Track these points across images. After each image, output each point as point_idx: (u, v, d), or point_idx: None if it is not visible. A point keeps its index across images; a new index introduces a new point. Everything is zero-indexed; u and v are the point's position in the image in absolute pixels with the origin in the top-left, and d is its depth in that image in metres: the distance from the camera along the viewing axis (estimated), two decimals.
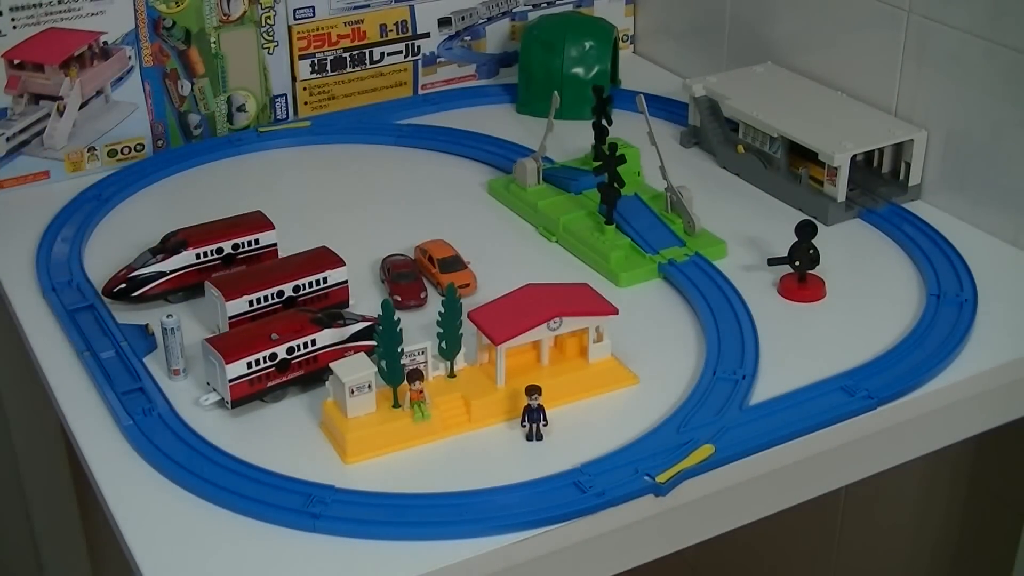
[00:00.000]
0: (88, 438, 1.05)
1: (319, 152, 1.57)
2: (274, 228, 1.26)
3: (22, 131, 1.46)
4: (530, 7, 1.76)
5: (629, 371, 1.11)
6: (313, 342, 1.08)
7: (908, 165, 1.39)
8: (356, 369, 1.01)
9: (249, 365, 1.05)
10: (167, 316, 1.09)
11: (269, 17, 1.56)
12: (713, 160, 1.51)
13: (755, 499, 1.08)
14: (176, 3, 1.50)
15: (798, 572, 1.79)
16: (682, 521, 1.03)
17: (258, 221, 1.26)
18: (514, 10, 1.75)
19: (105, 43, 1.47)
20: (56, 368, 1.14)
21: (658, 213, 1.33)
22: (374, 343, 1.03)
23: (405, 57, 1.68)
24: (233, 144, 1.56)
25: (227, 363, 1.04)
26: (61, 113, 1.47)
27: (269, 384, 1.07)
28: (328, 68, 1.63)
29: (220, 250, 1.23)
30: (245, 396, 1.06)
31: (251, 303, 1.14)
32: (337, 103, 1.66)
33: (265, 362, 1.06)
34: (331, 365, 1.02)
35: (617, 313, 1.10)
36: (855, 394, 1.08)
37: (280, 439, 1.05)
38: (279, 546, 0.93)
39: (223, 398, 1.06)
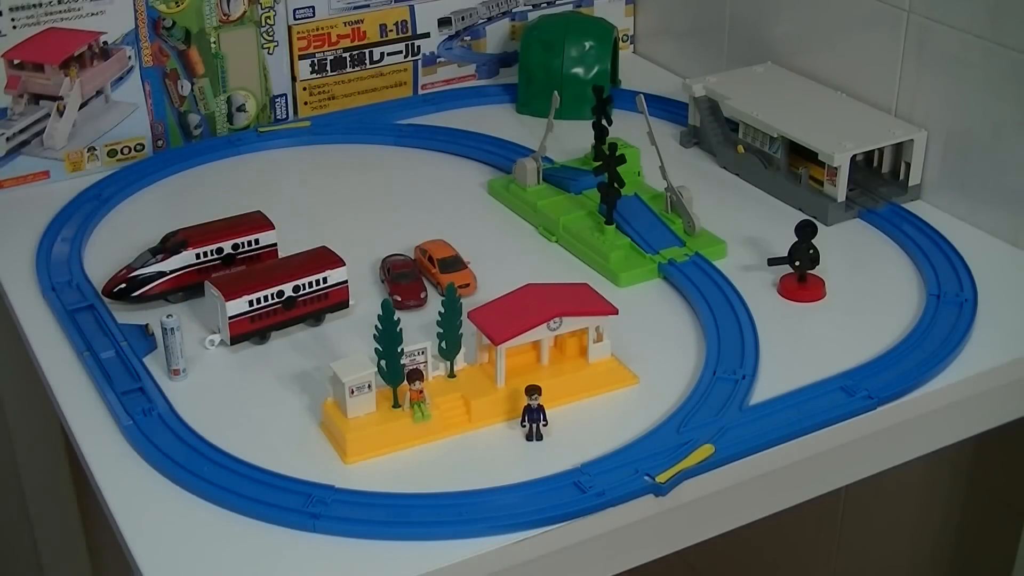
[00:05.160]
0: (88, 438, 1.05)
1: (319, 152, 1.57)
2: (274, 228, 1.26)
3: (22, 131, 1.46)
4: (530, 7, 1.76)
5: (629, 371, 1.11)
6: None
7: (908, 165, 1.39)
8: (356, 369, 1.01)
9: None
10: (167, 316, 1.09)
11: (269, 17, 1.56)
12: (713, 160, 1.51)
13: (755, 499, 1.08)
14: (176, 3, 1.50)
15: (798, 572, 1.79)
16: (682, 521, 1.03)
17: (258, 221, 1.26)
18: (514, 10, 1.75)
19: (105, 43, 1.47)
20: (56, 368, 1.14)
21: (658, 213, 1.33)
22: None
23: (405, 57, 1.68)
24: (233, 144, 1.56)
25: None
26: (61, 113, 1.47)
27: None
28: (328, 68, 1.63)
29: (220, 250, 1.23)
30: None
31: (251, 303, 1.14)
32: (337, 103, 1.66)
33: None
34: (331, 365, 1.02)
35: (617, 313, 1.10)
36: (855, 394, 1.08)
37: (280, 439, 1.05)
38: (279, 546, 0.93)
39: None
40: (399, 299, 1.21)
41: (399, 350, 1.02)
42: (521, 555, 0.94)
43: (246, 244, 1.24)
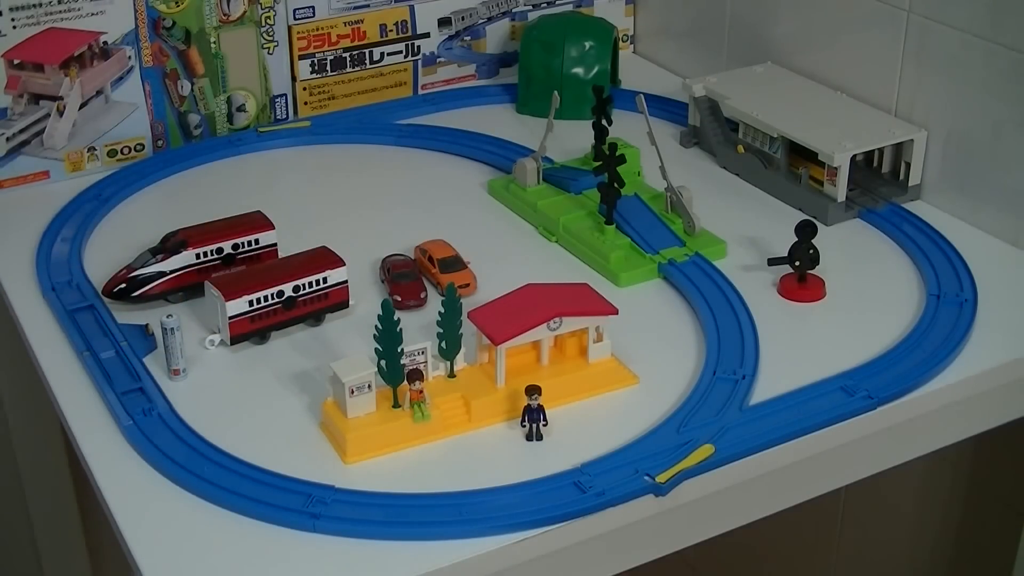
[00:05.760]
0: (88, 438, 1.05)
1: (319, 152, 1.57)
2: (274, 228, 1.26)
3: (22, 131, 1.46)
4: (530, 7, 1.76)
5: (629, 371, 1.11)
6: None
7: (908, 165, 1.39)
8: (356, 369, 1.01)
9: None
10: (167, 316, 1.09)
11: (269, 17, 1.56)
12: (713, 160, 1.51)
13: (755, 499, 1.08)
14: (176, 3, 1.50)
15: (798, 572, 1.79)
16: (682, 521, 1.03)
17: (258, 221, 1.26)
18: (514, 10, 1.75)
19: (105, 43, 1.47)
20: (56, 368, 1.14)
21: (658, 213, 1.33)
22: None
23: (405, 57, 1.68)
24: (233, 144, 1.56)
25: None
26: (61, 113, 1.47)
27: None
28: (328, 68, 1.63)
29: (220, 250, 1.23)
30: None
31: (251, 303, 1.14)
32: (337, 103, 1.66)
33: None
34: (331, 365, 1.02)
35: (617, 313, 1.10)
36: (855, 394, 1.08)
37: (280, 439, 1.05)
38: (279, 546, 0.93)
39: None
40: (399, 299, 1.21)
41: (399, 350, 1.02)
42: (521, 555, 0.94)
43: (246, 244, 1.24)
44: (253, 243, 1.25)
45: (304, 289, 1.17)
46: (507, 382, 1.06)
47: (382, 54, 1.67)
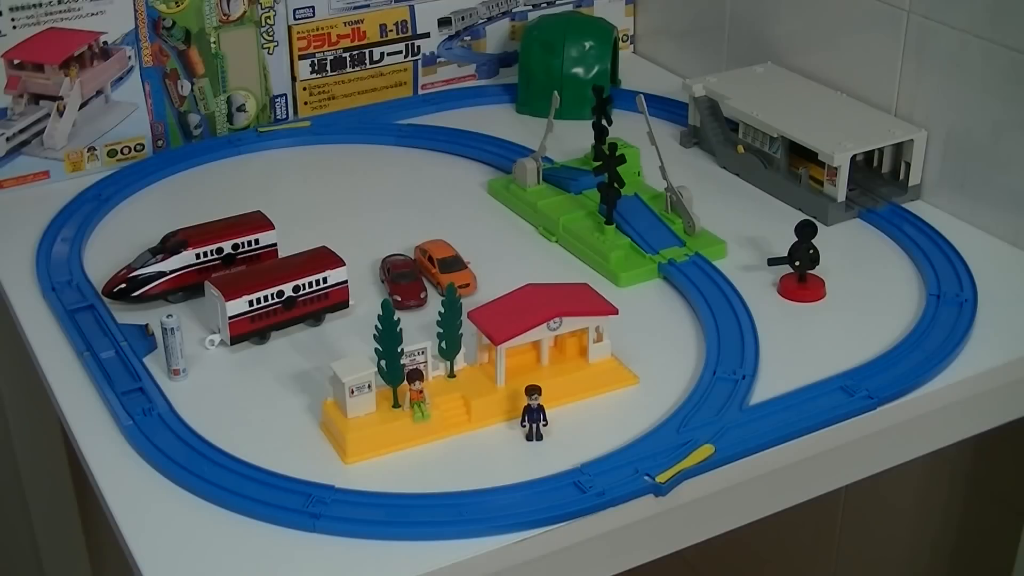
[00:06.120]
0: (88, 438, 1.05)
1: (319, 152, 1.57)
2: (274, 228, 1.26)
3: (22, 131, 1.46)
4: (530, 7, 1.76)
5: (629, 371, 1.11)
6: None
7: (908, 165, 1.39)
8: (356, 369, 1.01)
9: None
10: (167, 316, 1.09)
11: (269, 17, 1.56)
12: (713, 160, 1.51)
13: (755, 499, 1.08)
14: (176, 3, 1.50)
15: (798, 572, 1.79)
16: (682, 521, 1.03)
17: (258, 221, 1.26)
18: (514, 10, 1.75)
19: (105, 43, 1.47)
20: (56, 368, 1.14)
21: (658, 213, 1.33)
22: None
23: (405, 57, 1.68)
24: (233, 144, 1.56)
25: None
26: (61, 113, 1.47)
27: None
28: (328, 68, 1.63)
29: (220, 250, 1.23)
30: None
31: (251, 303, 1.14)
32: (337, 103, 1.66)
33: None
34: (331, 365, 1.02)
35: (617, 313, 1.10)
36: (855, 394, 1.08)
37: (280, 439, 1.05)
38: (279, 546, 0.93)
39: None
40: (399, 299, 1.21)
41: (399, 350, 1.02)
42: (521, 555, 0.94)
43: (246, 244, 1.24)
44: (253, 243, 1.25)
45: (304, 289, 1.17)
46: (507, 382, 1.06)
47: (382, 54, 1.67)
